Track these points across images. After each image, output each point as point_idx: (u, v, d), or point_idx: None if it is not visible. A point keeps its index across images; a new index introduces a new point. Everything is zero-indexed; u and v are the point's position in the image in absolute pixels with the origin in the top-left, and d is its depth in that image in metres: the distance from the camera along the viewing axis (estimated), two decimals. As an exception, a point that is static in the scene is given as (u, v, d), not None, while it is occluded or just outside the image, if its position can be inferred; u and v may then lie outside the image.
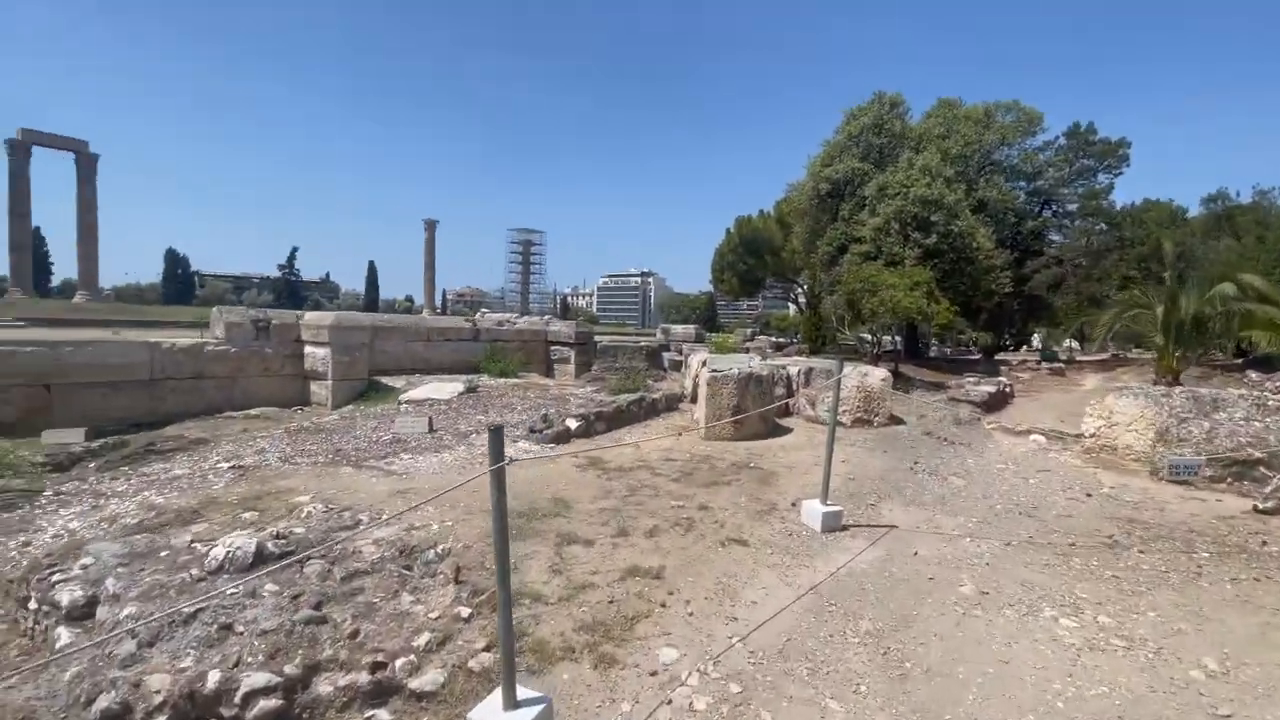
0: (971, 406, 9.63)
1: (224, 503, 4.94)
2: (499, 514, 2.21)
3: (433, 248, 64.29)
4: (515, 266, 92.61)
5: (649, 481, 5.60)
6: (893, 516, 4.97)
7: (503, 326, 14.47)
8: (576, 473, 5.95)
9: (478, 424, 8.05)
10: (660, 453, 6.86)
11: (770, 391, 8.04)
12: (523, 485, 5.47)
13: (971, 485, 6.06)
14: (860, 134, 18.59)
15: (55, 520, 4.69)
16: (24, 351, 8.12)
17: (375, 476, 5.76)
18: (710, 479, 5.72)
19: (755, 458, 6.67)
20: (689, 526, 4.38)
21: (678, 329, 19.51)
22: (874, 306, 11.87)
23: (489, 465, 2.19)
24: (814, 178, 18.38)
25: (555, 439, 7.18)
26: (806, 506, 4.62)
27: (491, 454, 2.20)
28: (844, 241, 17.45)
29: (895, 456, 7.04)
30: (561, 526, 4.37)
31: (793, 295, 33.88)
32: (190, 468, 6.10)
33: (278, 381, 10.72)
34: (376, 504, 4.87)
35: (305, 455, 6.54)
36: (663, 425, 8.31)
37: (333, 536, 3.58)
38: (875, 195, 16.79)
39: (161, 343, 9.47)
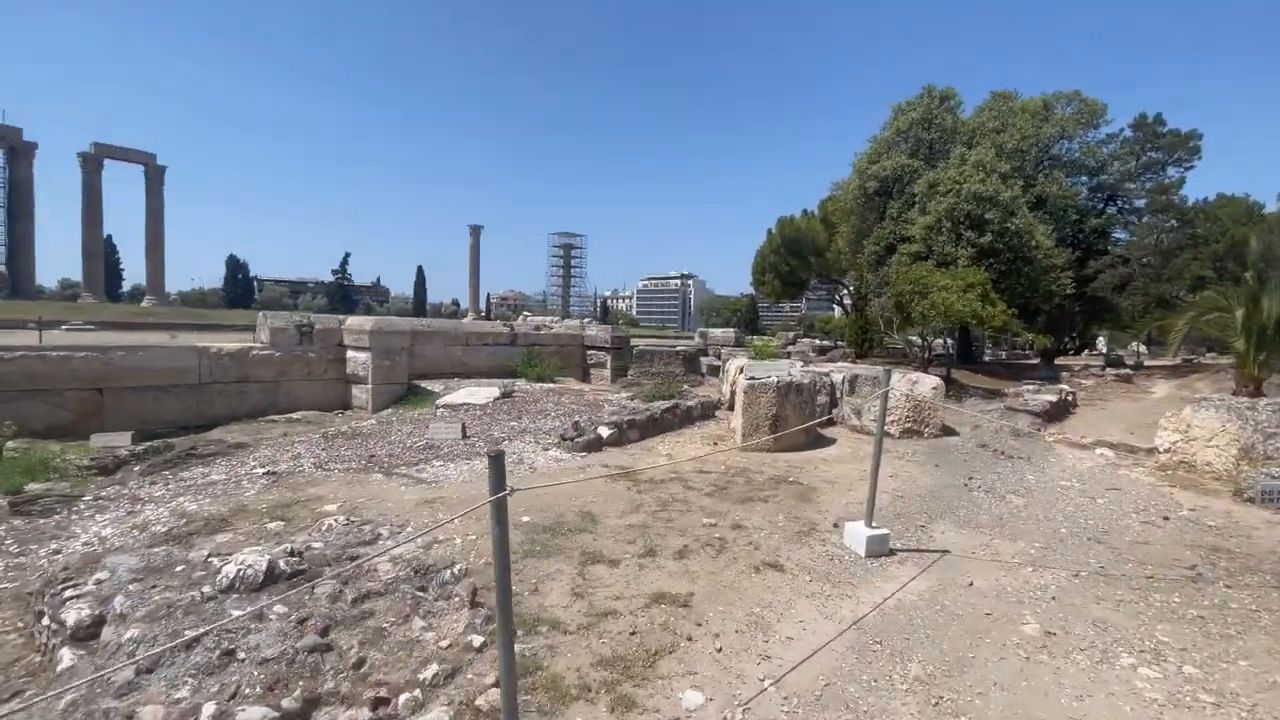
0: (1031, 416, 9.01)
1: (253, 510, 4.94)
2: (500, 550, 2.01)
3: (477, 252, 65.45)
4: (556, 270, 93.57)
5: (681, 496, 5.35)
6: (945, 540, 4.58)
7: (539, 331, 14.43)
8: (606, 484, 5.75)
9: (511, 430, 7.95)
10: (694, 464, 6.60)
11: (812, 400, 7.68)
12: (551, 497, 5.30)
13: (1033, 505, 5.58)
14: (909, 129, 17.90)
15: (90, 526, 4.75)
16: (77, 356, 8.43)
17: (405, 485, 5.69)
18: (745, 494, 5.42)
19: (795, 471, 6.34)
20: (721, 548, 4.11)
21: (716, 332, 19.16)
22: (924, 309, 11.31)
23: (489, 494, 1.98)
24: (860, 175, 17.77)
25: (587, 447, 7.00)
26: (849, 529, 4.29)
27: (492, 482, 2.00)
28: (892, 241, 16.80)
29: (947, 471, 6.59)
30: (587, 543, 4.16)
31: (837, 297, 33.02)
32: (227, 473, 6.16)
33: (320, 385, 10.89)
34: (403, 515, 4.77)
35: (339, 461, 6.53)
36: (698, 434, 8.03)
37: (349, 553, 3.46)
38: (925, 192, 16.10)
39: (209, 347, 9.72)
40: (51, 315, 31.03)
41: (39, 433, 8.12)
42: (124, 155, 50.58)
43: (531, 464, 6.46)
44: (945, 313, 10.86)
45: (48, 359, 8.25)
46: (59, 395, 8.35)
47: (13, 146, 47.86)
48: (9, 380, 7.99)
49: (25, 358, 8.09)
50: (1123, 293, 19.37)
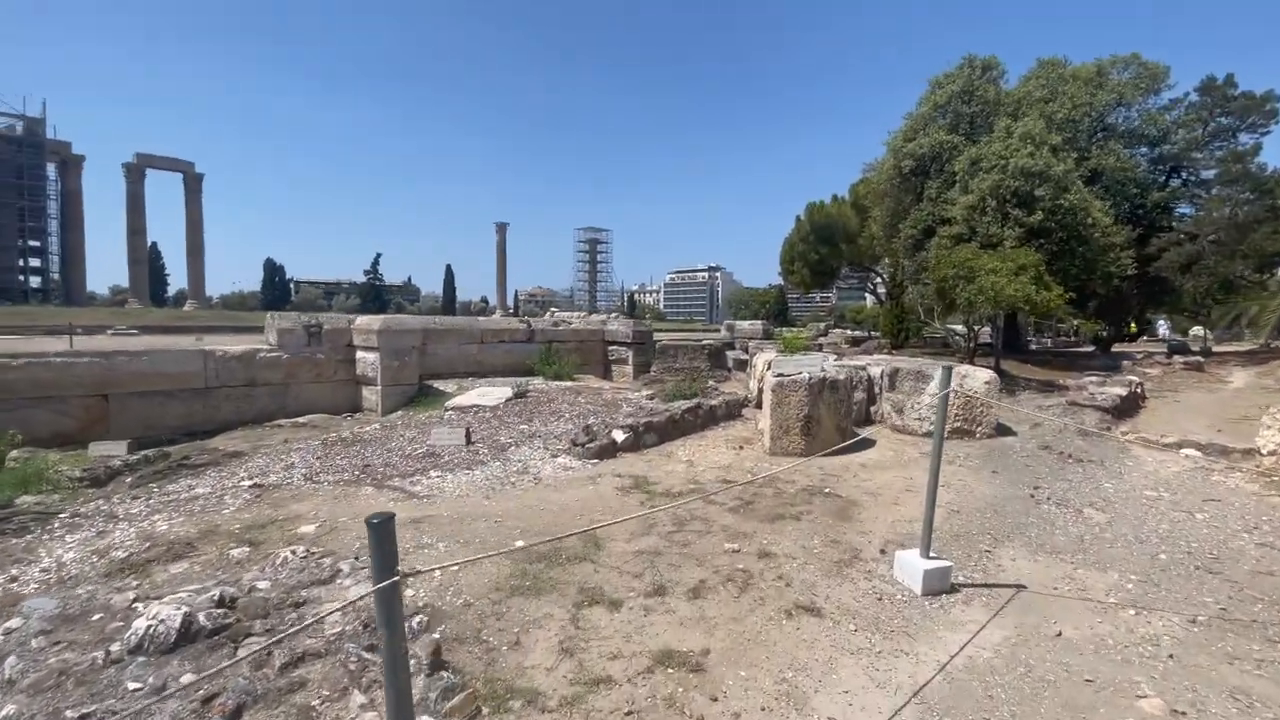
0: (1099, 412, 8.05)
1: (224, 532, 4.46)
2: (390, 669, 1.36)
3: (504, 250, 65.59)
4: (583, 265, 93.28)
5: (700, 512, 4.68)
6: (1017, 570, 3.81)
7: (558, 327, 13.87)
8: (617, 497, 5.12)
9: (520, 434, 7.39)
10: (717, 471, 5.92)
11: (848, 398, 6.91)
12: (553, 514, 4.71)
13: (1117, 522, 4.75)
14: (948, 103, 16.73)
15: (55, 549, 4.32)
16: (81, 362, 8.16)
17: (394, 500, 5.16)
18: (775, 510, 4.72)
19: (831, 480, 5.60)
20: (744, 584, 3.43)
21: (744, 325, 18.34)
22: (970, 295, 10.35)
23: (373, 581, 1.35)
24: (895, 154, 16.70)
25: (599, 453, 6.38)
26: (901, 559, 3.56)
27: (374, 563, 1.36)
28: (930, 223, 15.72)
29: (1008, 479, 5.77)
30: (587, 577, 3.54)
31: (870, 285, 31.72)
32: (213, 485, 5.73)
33: (330, 387, 10.53)
34: (382, 539, 4.22)
35: (332, 472, 6.05)
36: (722, 436, 7.34)
37: (296, 596, 2.90)
38: (967, 170, 14.99)
39: (215, 350, 9.41)
40: (99, 320, 31.89)
41: (45, 440, 7.88)
42: (164, 164, 51.86)
43: (537, 474, 5.87)
44: (994, 298, 9.90)
45: (52, 365, 8.00)
46: (64, 402, 8.11)
47: (63, 160, 49.54)
48: (15, 388, 7.76)
49: (31, 365, 7.84)
50: (1187, 273, 17.85)
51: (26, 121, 44.71)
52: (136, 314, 39.57)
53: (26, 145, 44.90)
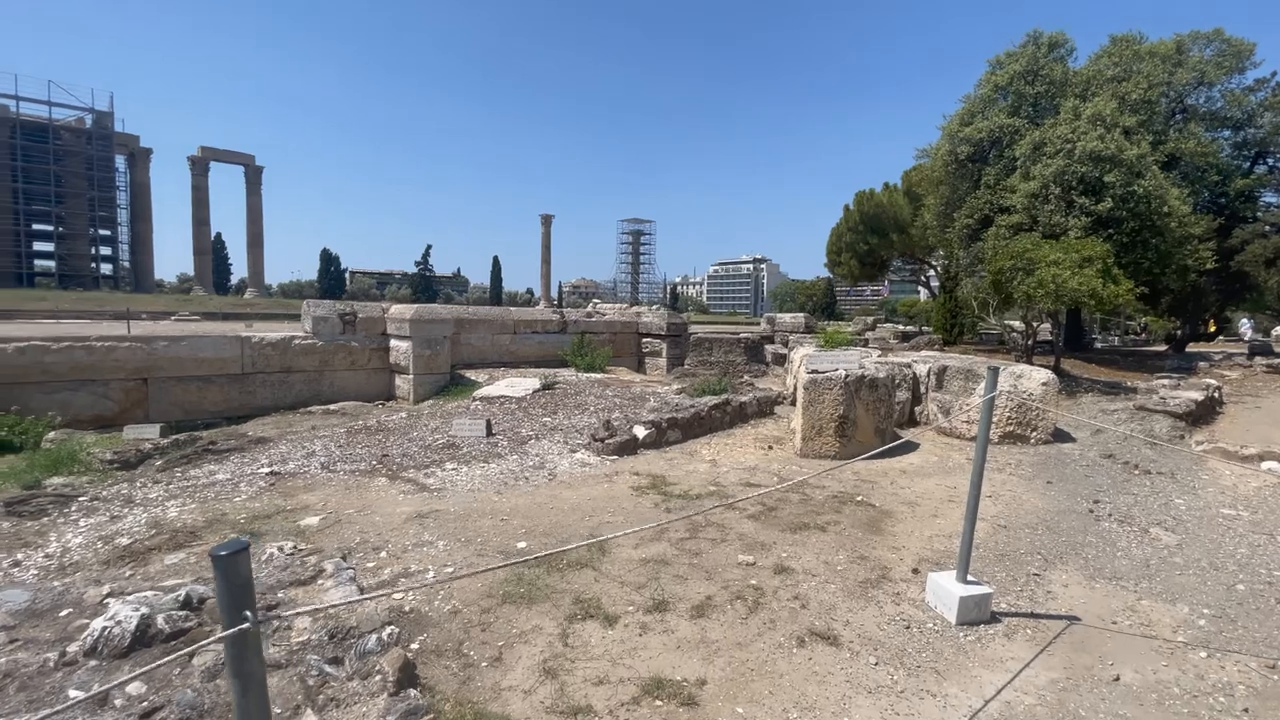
0: (1171, 419, 7.31)
1: (230, 521, 4.40)
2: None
3: (549, 242, 65.90)
4: (626, 257, 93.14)
5: (717, 517, 4.37)
6: (1070, 598, 3.37)
7: (591, 318, 13.67)
8: (631, 497, 4.86)
9: (542, 427, 7.21)
10: (741, 473, 5.58)
11: (889, 397, 6.44)
12: (562, 513, 4.48)
13: (1189, 544, 4.20)
14: (1009, 84, 15.68)
15: (65, 534, 4.34)
16: (122, 347, 8.40)
17: (405, 492, 5.04)
18: (799, 518, 4.37)
19: (865, 487, 5.20)
20: (755, 602, 3.12)
21: (785, 318, 17.75)
22: (1029, 288, 9.60)
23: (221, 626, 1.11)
24: (950, 139, 15.77)
25: (619, 450, 6.12)
26: (935, 581, 3.17)
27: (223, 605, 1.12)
28: (988, 212, 14.80)
29: (1065, 491, 5.24)
30: (585, 586, 3.29)
31: (923, 278, 30.46)
32: (233, 472, 5.74)
33: (364, 375, 10.61)
34: (382, 534, 4.08)
35: (350, 461, 5.99)
36: (751, 435, 6.98)
37: (271, 598, 2.75)
38: (1029, 154, 14.01)
39: (251, 337, 9.57)
40: (164, 307, 33.53)
41: (86, 422, 8.16)
42: (226, 158, 54.03)
43: (553, 469, 5.65)
44: (1056, 292, 9.14)
45: (93, 349, 8.25)
46: (105, 385, 8.36)
47: (132, 152, 52.19)
48: (57, 371, 8.03)
49: (72, 348, 8.11)
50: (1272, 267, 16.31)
51: (96, 115, 47.16)
52: (199, 301, 41.46)
53: (96, 138, 47.41)
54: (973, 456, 5.31)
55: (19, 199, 45.41)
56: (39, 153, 45.76)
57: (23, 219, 46.08)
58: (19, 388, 7.79)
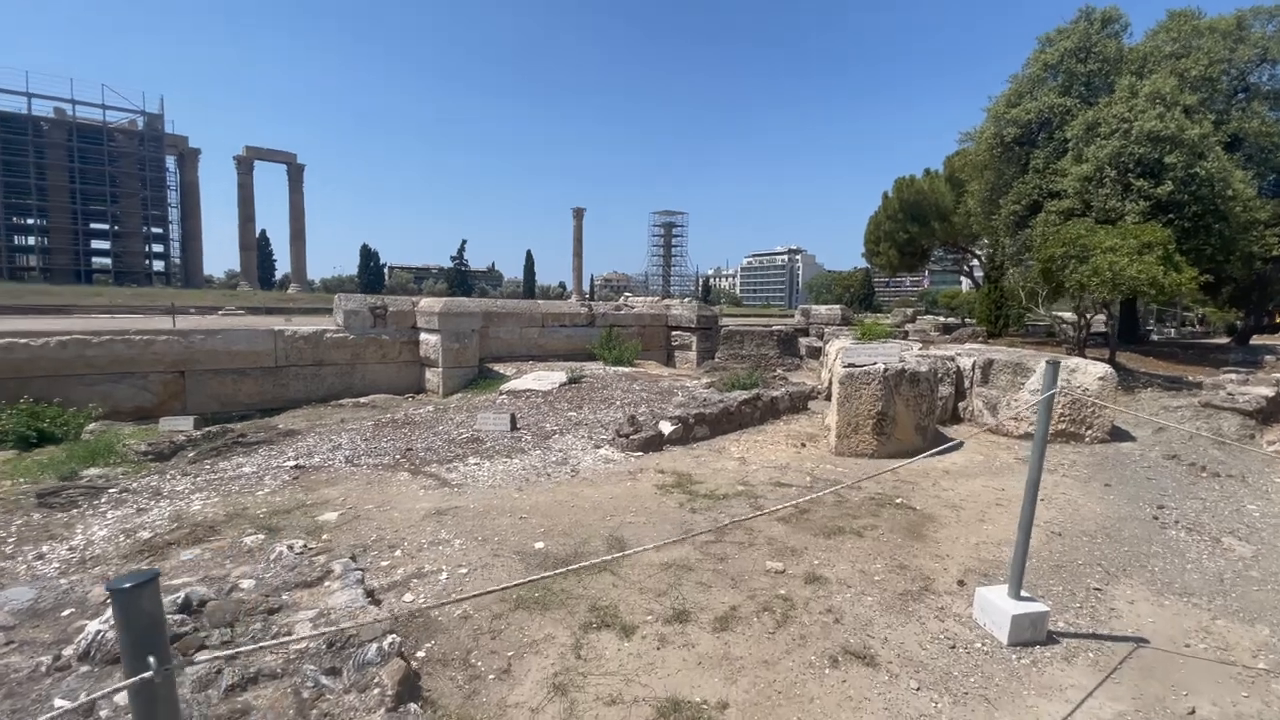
0: (1240, 416, 6.75)
1: (249, 516, 4.37)
2: None
3: (580, 235, 66.02)
4: (657, 249, 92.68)
5: (745, 520, 4.14)
6: (1136, 616, 3.05)
7: (620, 311, 13.50)
8: (655, 496, 4.66)
9: (566, 422, 7.07)
10: (771, 472, 5.33)
11: (931, 393, 6.09)
12: (582, 512, 4.31)
13: (1265, 555, 3.80)
14: (1059, 62, 14.87)
15: (92, 526, 4.37)
16: (160, 340, 8.57)
17: (426, 488, 4.94)
18: (833, 522, 4.11)
19: (905, 488, 4.89)
20: (784, 615, 2.89)
21: (820, 310, 17.26)
22: (1083, 277, 9.02)
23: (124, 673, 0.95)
24: (996, 121, 15.06)
25: (644, 446, 5.93)
26: (983, 596, 2.89)
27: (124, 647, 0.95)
28: (1037, 197, 14.09)
29: (1125, 495, 4.84)
30: (603, 592, 3.11)
31: (965, 267, 29.40)
32: (259, 465, 5.74)
33: (395, 368, 10.66)
34: (399, 531, 3.98)
35: (374, 455, 5.95)
36: (783, 432, 6.70)
37: (274, 601, 2.65)
38: (1081, 136, 13.26)
39: (284, 330, 9.68)
40: (212, 302, 34.70)
41: (126, 414, 8.37)
42: (270, 156, 55.43)
43: (575, 465, 5.50)
44: (1113, 281, 8.55)
45: (133, 343, 8.44)
46: (144, 378, 8.55)
47: (181, 153, 54.04)
48: (98, 363, 8.24)
49: (112, 342, 8.30)
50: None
51: (147, 117, 48.88)
52: (245, 296, 42.76)
53: (148, 139, 49.15)
54: (1022, 457, 4.97)
55: (76, 199, 47.50)
56: (94, 154, 47.73)
57: (80, 219, 48.22)
58: (62, 380, 8.01)
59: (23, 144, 44.70)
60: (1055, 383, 2.63)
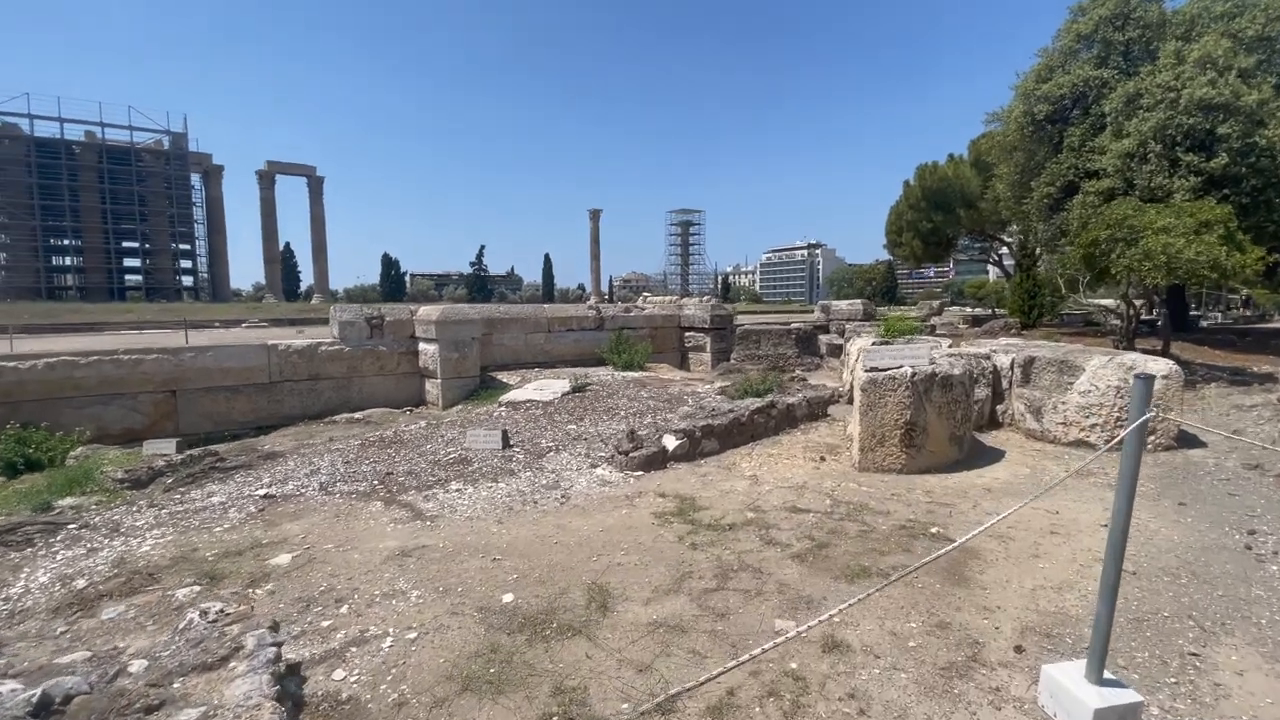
0: (1327, 414, 5.92)
1: (196, 559, 3.91)
2: None
3: (597, 236, 65.69)
4: (675, 248, 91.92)
5: (753, 559, 3.54)
6: (1248, 695, 2.37)
7: (629, 313, 12.93)
8: (651, 528, 4.08)
9: (565, 436, 6.53)
10: (786, 493, 4.71)
11: (966, 398, 5.40)
12: (566, 551, 3.76)
13: (1406, 599, 3.07)
14: (1094, 31, 13.90)
15: (37, 571, 3.95)
16: (149, 359, 8.26)
17: (397, 520, 4.44)
18: (857, 559, 3.49)
19: (940, 511, 4.23)
20: (794, 703, 2.29)
21: (841, 305, 16.48)
22: (1133, 261, 8.19)
23: None
24: (1026, 99, 14.15)
25: (645, 464, 5.36)
26: (1053, 679, 2.24)
27: None
28: (1072, 178, 13.17)
29: (1204, 517, 4.11)
30: (572, 666, 2.55)
31: (993, 256, 28.22)
32: (229, 494, 5.31)
33: (393, 380, 10.25)
34: (352, 580, 3.48)
35: (351, 480, 5.48)
36: (801, 442, 6.07)
37: (157, 693, 2.13)
38: (1121, 109, 12.33)
39: (278, 344, 9.32)
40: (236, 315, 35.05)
41: (116, 437, 8.06)
42: (291, 170, 56.16)
43: (567, 489, 4.95)
44: (1168, 264, 7.71)
45: (121, 363, 8.13)
46: (133, 399, 8.24)
47: (205, 170, 55.01)
48: (86, 385, 7.94)
49: (100, 362, 8.00)
50: None
51: (172, 136, 49.81)
52: (268, 308, 43.22)
53: (173, 158, 50.09)
54: (1075, 469, 4.26)
55: (108, 219, 48.61)
56: (123, 175, 48.81)
57: (112, 238, 49.35)
58: (51, 403, 7.73)
59: (57, 168, 45.87)
60: (1148, 404, 1.98)
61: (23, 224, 45.14)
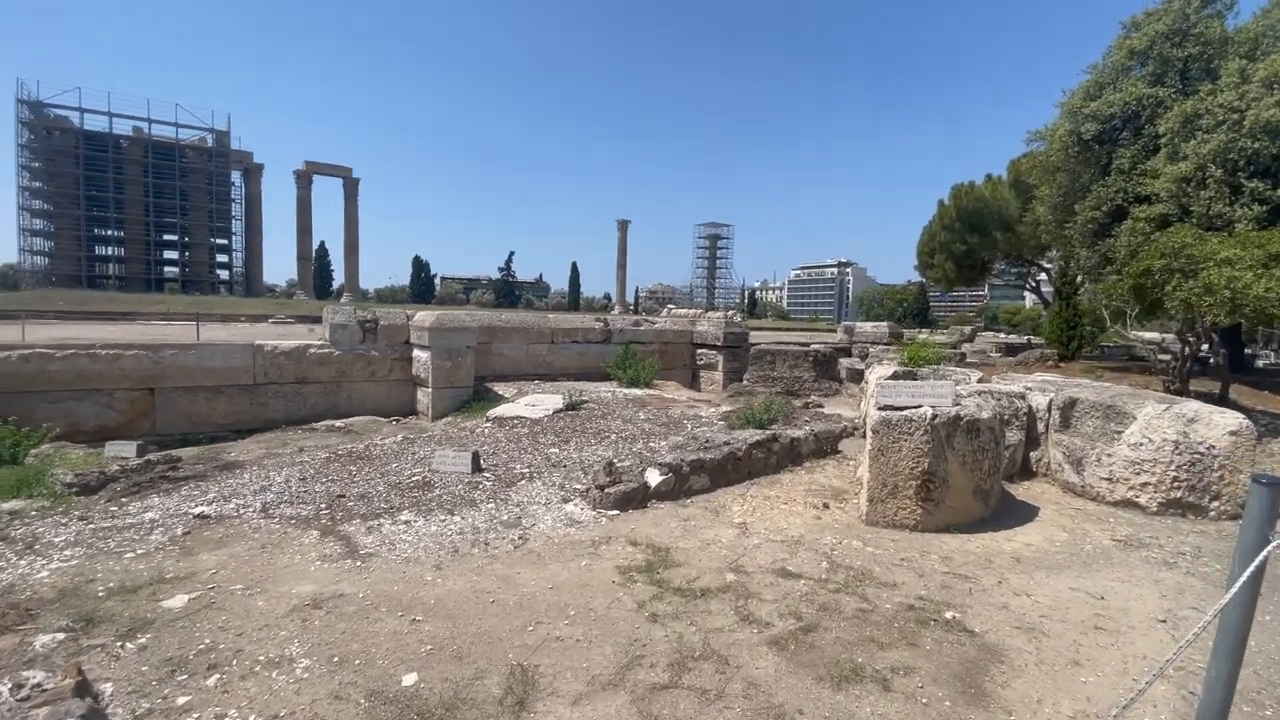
0: None
1: (84, 595, 3.41)
2: None
3: (624, 247, 65.54)
4: (702, 262, 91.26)
5: (722, 641, 2.90)
6: None
7: (639, 327, 12.34)
8: (610, 588, 3.46)
9: (544, 461, 5.94)
10: (777, 549, 4.04)
11: (995, 445, 4.67)
12: (503, 614, 3.16)
13: None
14: (1149, 48, 12.97)
15: (-91, 597, 3.49)
16: (128, 355, 7.94)
17: (326, 557, 3.89)
18: (849, 653, 2.81)
19: (958, 587, 3.52)
20: None
21: (866, 327, 15.67)
22: (1190, 295, 7.33)
23: None
24: (1072, 117, 13.26)
25: (622, 502, 4.74)
26: None
27: None
28: (1121, 202, 12.23)
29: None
30: (456, 795, 1.94)
31: (1030, 282, 26.98)
32: (164, 511, 4.84)
33: (384, 387, 9.82)
34: (244, 635, 2.93)
35: (299, 502, 4.97)
36: (803, 485, 5.38)
37: None
38: (1178, 130, 11.40)
39: (264, 345, 8.95)
40: (264, 310, 35.43)
41: (89, 434, 7.73)
42: (327, 170, 57.12)
43: (527, 529, 4.35)
44: (1232, 300, 6.86)
45: (98, 358, 7.82)
46: (109, 395, 7.92)
47: (246, 168, 56.33)
48: (60, 379, 7.64)
49: (76, 356, 7.70)
50: None
51: (215, 134, 51.08)
52: (297, 305, 43.78)
53: (215, 155, 51.34)
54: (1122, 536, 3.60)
55: (149, 213, 49.97)
56: (167, 170, 50.23)
57: (153, 230, 50.69)
58: (22, 396, 7.43)
59: (104, 161, 47.35)
60: (1275, 522, 1.32)
61: (68, 214, 46.61)
